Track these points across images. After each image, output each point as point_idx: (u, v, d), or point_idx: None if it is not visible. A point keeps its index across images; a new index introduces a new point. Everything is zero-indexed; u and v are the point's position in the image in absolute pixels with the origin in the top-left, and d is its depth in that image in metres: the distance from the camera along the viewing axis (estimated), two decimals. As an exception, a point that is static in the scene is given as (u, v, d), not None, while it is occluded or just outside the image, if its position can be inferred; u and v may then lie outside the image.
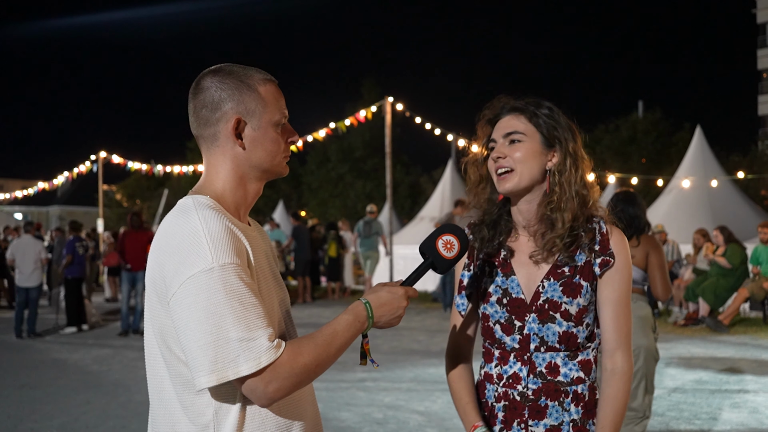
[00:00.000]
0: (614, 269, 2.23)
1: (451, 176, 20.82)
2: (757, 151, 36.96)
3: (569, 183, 2.23)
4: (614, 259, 2.23)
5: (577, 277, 2.22)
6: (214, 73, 1.95)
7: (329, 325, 1.87)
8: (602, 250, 2.24)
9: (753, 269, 12.66)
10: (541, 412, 2.23)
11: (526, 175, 2.23)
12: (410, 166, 44.73)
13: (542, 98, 2.33)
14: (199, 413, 1.81)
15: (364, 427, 6.50)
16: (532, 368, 2.24)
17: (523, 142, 2.24)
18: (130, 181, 52.02)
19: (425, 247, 2.12)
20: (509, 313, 2.26)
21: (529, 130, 2.25)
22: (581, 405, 2.24)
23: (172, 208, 1.91)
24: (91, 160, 26.92)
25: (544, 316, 2.21)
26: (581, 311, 2.22)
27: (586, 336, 2.25)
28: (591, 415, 2.26)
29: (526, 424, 2.24)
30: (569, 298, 2.21)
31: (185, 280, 1.72)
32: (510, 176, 2.24)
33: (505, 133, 2.27)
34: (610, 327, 2.25)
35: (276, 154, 1.97)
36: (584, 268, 2.23)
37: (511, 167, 2.23)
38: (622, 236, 2.28)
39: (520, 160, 2.23)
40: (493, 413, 2.30)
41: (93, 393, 8.15)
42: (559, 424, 2.22)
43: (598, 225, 2.27)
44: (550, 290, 2.22)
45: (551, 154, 2.25)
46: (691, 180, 16.57)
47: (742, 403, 7.17)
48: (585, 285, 2.22)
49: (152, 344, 1.89)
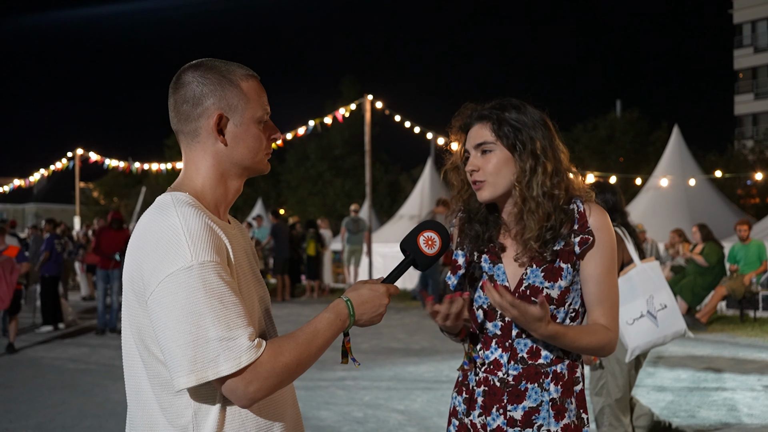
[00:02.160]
0: (595, 247, 2.26)
1: (430, 174, 20.84)
2: (733, 151, 37.30)
3: (538, 185, 2.26)
4: (593, 237, 2.26)
5: (557, 261, 2.26)
6: (195, 68, 1.92)
7: (310, 323, 1.85)
8: (581, 229, 2.27)
9: (730, 267, 12.77)
10: (521, 395, 2.26)
11: (500, 185, 2.29)
12: (389, 164, 44.73)
13: (508, 98, 2.35)
14: (177, 414, 1.78)
15: (343, 426, 6.47)
16: (513, 354, 2.28)
17: (493, 152, 2.28)
18: (108, 179, 51.77)
19: (406, 244, 2.10)
20: None
21: (496, 138, 2.28)
22: (560, 384, 2.27)
23: (150, 205, 1.88)
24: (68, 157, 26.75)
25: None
26: (563, 293, 2.26)
27: (570, 317, 2.28)
28: (569, 394, 2.28)
29: (505, 409, 2.26)
30: (550, 282, 2.25)
31: (164, 278, 1.69)
32: (485, 186, 2.29)
33: (475, 144, 2.31)
34: (594, 303, 2.28)
35: (258, 151, 1.94)
36: (564, 251, 2.26)
37: (485, 179, 2.28)
38: (601, 213, 2.31)
39: (492, 172, 2.28)
40: (473, 398, 2.33)
41: (69, 392, 8.07)
42: (537, 405, 2.25)
43: (575, 206, 2.30)
44: (532, 276, 2.26)
45: (522, 159, 2.27)
46: (669, 179, 16.68)
47: (721, 401, 7.21)
48: (565, 267, 2.26)
49: (130, 344, 1.85)
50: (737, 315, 13.13)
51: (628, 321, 4.59)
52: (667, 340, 4.72)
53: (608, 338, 2.25)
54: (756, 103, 51.51)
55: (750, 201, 32.08)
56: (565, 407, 2.26)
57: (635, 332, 4.60)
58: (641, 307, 4.63)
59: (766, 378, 8.26)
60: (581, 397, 2.32)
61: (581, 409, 2.31)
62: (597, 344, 2.23)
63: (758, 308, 13.16)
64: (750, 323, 12.56)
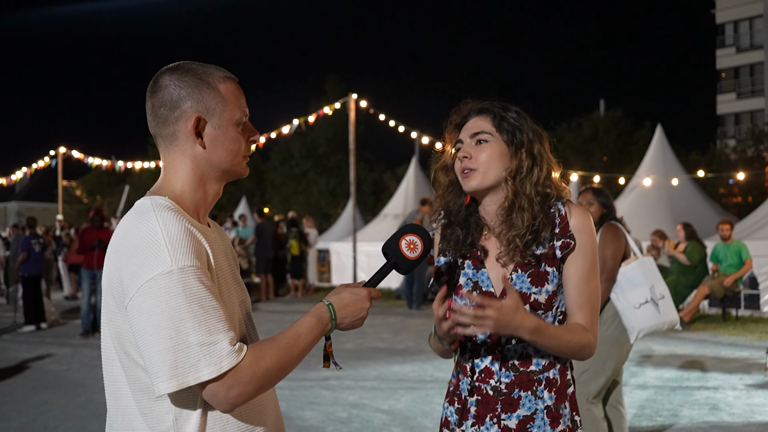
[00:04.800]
0: (576, 250, 2.24)
1: (414, 173, 20.82)
2: (715, 150, 37.49)
3: (531, 183, 2.25)
4: (574, 241, 2.24)
5: (543, 265, 2.24)
6: (172, 71, 1.90)
7: (291, 327, 1.84)
8: (562, 233, 2.25)
9: (712, 267, 12.84)
10: (514, 404, 2.23)
11: (490, 175, 2.26)
12: (374, 163, 44.67)
13: (509, 103, 2.35)
14: (158, 420, 1.77)
15: (327, 426, 6.46)
16: (503, 362, 2.25)
17: (489, 143, 2.27)
18: (91, 177, 51.40)
19: (388, 247, 2.09)
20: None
21: (494, 131, 2.27)
22: (554, 390, 2.25)
23: (133, 204, 1.86)
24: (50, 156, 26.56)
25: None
26: (551, 297, 2.23)
27: (559, 320, 2.27)
28: (563, 399, 2.26)
29: (499, 418, 2.23)
30: (537, 287, 2.22)
31: (143, 283, 1.68)
32: (474, 174, 2.26)
33: (472, 133, 2.29)
34: (574, 306, 2.25)
35: (236, 154, 1.93)
36: (548, 254, 2.24)
37: (476, 167, 2.25)
38: (583, 214, 2.28)
39: (485, 161, 2.25)
40: (466, 407, 2.29)
41: (52, 393, 8.03)
42: (532, 413, 2.23)
43: (556, 209, 2.28)
44: (518, 282, 2.23)
45: (517, 155, 2.26)
46: (652, 178, 16.75)
47: (703, 400, 7.25)
48: (551, 270, 2.24)
49: (109, 349, 1.84)
50: (719, 314, 13.22)
51: (635, 305, 4.84)
52: (665, 326, 4.98)
53: (587, 340, 2.21)
54: (738, 103, 51.85)
55: (732, 200, 32.26)
56: (560, 413, 2.24)
57: (642, 315, 4.85)
58: (646, 294, 4.87)
59: (748, 377, 8.31)
60: (573, 399, 2.31)
61: (574, 411, 2.29)
62: (577, 343, 2.19)
63: (740, 307, 13.25)
64: (732, 322, 12.64)
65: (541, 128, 2.35)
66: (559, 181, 2.34)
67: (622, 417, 5.14)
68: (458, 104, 2.40)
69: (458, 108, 2.38)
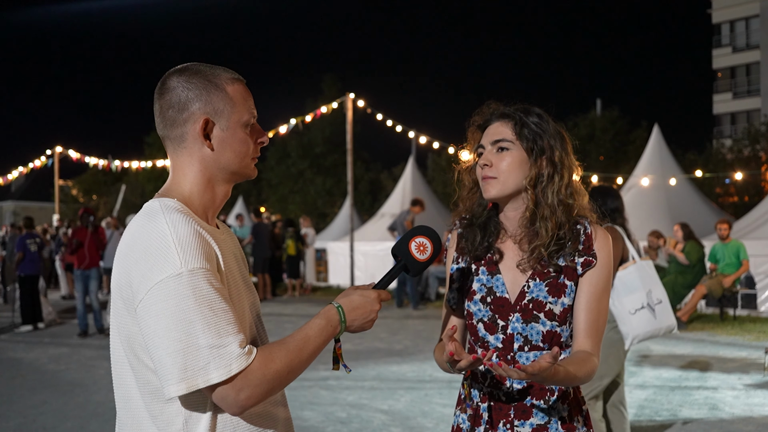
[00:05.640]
0: (595, 268, 2.24)
1: (411, 173, 20.82)
2: (712, 150, 37.53)
3: (553, 192, 2.24)
4: (596, 260, 2.24)
5: (562, 277, 2.23)
6: (180, 73, 1.89)
7: (301, 329, 1.83)
8: (585, 251, 2.24)
9: (710, 266, 12.85)
10: (527, 411, 2.22)
11: (510, 184, 2.24)
12: (371, 162, 44.68)
13: (530, 105, 2.34)
14: (168, 422, 1.76)
15: (327, 427, 6.46)
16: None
17: (510, 150, 2.25)
18: (87, 176, 51.36)
19: (398, 249, 2.08)
20: (493, 312, 2.25)
21: (515, 138, 2.26)
22: (567, 402, 2.24)
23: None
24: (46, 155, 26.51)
25: (527, 315, 2.20)
26: (565, 311, 2.22)
27: (570, 335, 2.26)
28: (577, 412, 2.26)
29: (512, 425, 2.22)
30: (554, 297, 2.21)
31: (153, 286, 1.67)
32: (494, 182, 2.24)
33: (493, 140, 2.27)
34: (582, 329, 2.23)
35: (245, 156, 1.92)
36: (569, 268, 2.23)
37: (496, 176, 2.24)
38: (605, 237, 2.28)
39: (505, 170, 2.24)
40: (479, 413, 2.28)
41: (50, 393, 8.01)
42: (546, 423, 2.22)
43: (583, 227, 2.27)
44: (535, 290, 2.22)
45: (537, 163, 2.25)
46: (649, 178, 16.76)
47: (702, 400, 7.25)
48: (569, 284, 2.23)
49: (119, 352, 1.83)
50: (717, 314, 13.23)
51: (630, 310, 4.80)
52: (661, 332, 4.94)
53: (593, 365, 2.20)
54: (734, 102, 51.95)
55: (729, 200, 32.30)
56: (575, 426, 2.24)
57: (637, 321, 4.81)
58: (642, 299, 4.84)
59: (747, 376, 8.32)
60: (588, 416, 2.31)
61: (589, 428, 2.29)
62: (587, 374, 2.16)
63: (737, 306, 13.27)
64: (730, 321, 12.66)
65: (564, 130, 2.34)
66: (583, 197, 2.31)
67: (624, 418, 5.14)
68: (481, 106, 2.38)
69: (481, 109, 2.37)
